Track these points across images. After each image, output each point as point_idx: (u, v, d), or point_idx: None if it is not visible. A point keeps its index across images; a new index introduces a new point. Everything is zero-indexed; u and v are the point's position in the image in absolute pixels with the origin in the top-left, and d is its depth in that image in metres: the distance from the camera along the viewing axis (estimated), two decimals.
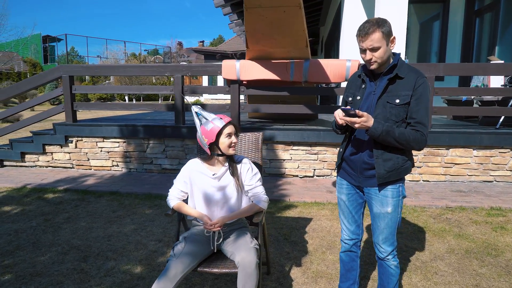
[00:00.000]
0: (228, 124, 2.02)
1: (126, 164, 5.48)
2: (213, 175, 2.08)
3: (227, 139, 2.01)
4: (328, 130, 4.92)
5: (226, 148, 2.02)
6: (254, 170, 2.16)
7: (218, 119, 2.02)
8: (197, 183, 2.10)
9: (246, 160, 2.17)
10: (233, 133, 2.04)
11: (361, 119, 1.70)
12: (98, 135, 5.42)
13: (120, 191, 4.48)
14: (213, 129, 1.98)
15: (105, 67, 5.24)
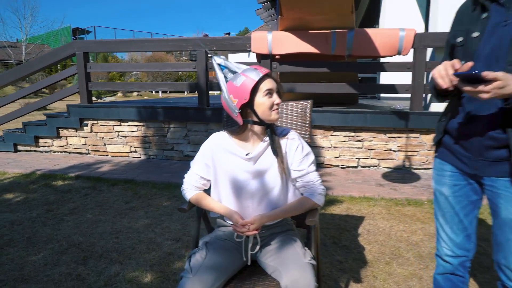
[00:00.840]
0: (267, 77, 1.39)
1: (145, 150, 4.95)
2: (246, 155, 1.44)
3: (267, 98, 1.37)
4: (376, 113, 4.18)
5: (266, 111, 1.38)
6: (305, 148, 1.50)
7: (252, 70, 1.38)
8: (223, 166, 1.47)
9: (294, 134, 1.51)
10: (274, 89, 1.40)
11: (493, 85, 0.98)
12: (114, 117, 4.91)
13: (136, 179, 3.94)
14: (245, 83, 1.35)
15: (121, 42, 4.71)
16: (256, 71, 1.37)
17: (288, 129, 1.53)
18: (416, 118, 4.12)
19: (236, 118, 1.41)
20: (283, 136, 1.49)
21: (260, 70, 1.38)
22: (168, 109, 4.72)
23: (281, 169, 1.43)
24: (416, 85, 4.12)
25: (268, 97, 1.37)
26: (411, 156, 4.32)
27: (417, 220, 2.95)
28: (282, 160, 1.44)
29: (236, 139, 1.48)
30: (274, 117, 1.41)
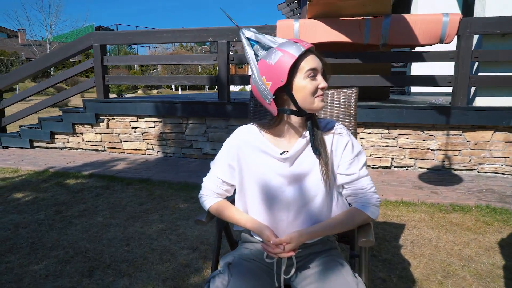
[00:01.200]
0: (310, 53, 1.07)
1: (162, 148, 4.70)
2: (281, 155, 1.13)
3: (310, 81, 1.06)
4: (413, 108, 3.78)
5: (308, 97, 1.07)
6: (356, 147, 1.18)
7: (290, 43, 1.06)
8: (252, 168, 1.17)
9: (342, 128, 1.19)
10: (319, 70, 1.08)
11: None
12: (131, 113, 4.68)
13: (151, 178, 3.69)
14: (282, 60, 1.03)
15: (138, 33, 4.47)
16: (296, 45, 1.04)
17: (334, 122, 1.21)
18: (458, 114, 3.70)
19: (269, 106, 1.10)
20: (328, 131, 1.16)
21: (302, 43, 1.05)
22: (187, 104, 4.45)
23: (325, 172, 1.11)
24: (460, 76, 3.69)
25: (310, 80, 1.05)
26: (452, 156, 3.90)
27: (467, 229, 2.56)
28: (327, 161, 1.12)
29: (268, 134, 1.17)
30: (318, 106, 1.09)
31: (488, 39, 3.74)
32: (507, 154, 3.74)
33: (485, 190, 3.32)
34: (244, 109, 4.23)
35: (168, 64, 25.89)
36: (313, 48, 1.08)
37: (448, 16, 3.53)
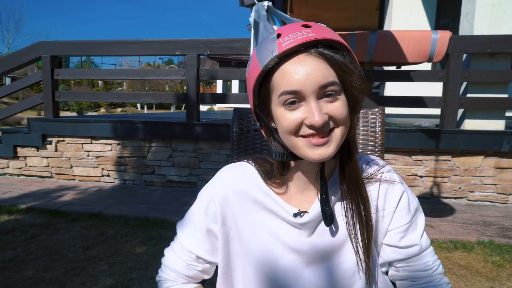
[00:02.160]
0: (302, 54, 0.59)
1: (120, 174, 4.10)
2: (295, 217, 0.68)
3: (288, 112, 0.61)
4: (400, 131, 3.47)
5: (287, 137, 0.63)
6: (412, 201, 0.73)
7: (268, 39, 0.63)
8: (247, 237, 0.71)
9: (391, 172, 0.74)
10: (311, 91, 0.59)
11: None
12: (84, 134, 4.07)
13: (104, 212, 3.09)
14: (249, 72, 0.66)
15: (99, 43, 3.89)
16: (272, 41, 0.60)
17: (376, 159, 0.77)
18: (448, 138, 3.42)
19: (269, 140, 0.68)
20: (368, 176, 0.72)
21: (286, 35, 0.60)
22: (150, 124, 3.92)
23: (365, 251, 0.66)
24: (449, 97, 3.44)
25: (287, 109, 0.61)
26: (441, 183, 3.60)
27: (478, 273, 2.20)
28: (367, 229, 0.67)
29: (273, 184, 0.71)
30: (308, 155, 0.62)
31: (476, 59, 3.53)
32: (498, 181, 3.49)
33: (482, 222, 3.01)
34: (216, 131, 3.76)
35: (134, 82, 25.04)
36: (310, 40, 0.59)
37: (437, 33, 3.29)
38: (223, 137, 3.75)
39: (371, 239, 0.67)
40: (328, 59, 0.59)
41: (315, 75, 0.58)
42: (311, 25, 0.61)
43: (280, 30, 0.62)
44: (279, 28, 0.63)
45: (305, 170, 0.69)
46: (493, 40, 3.33)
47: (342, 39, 0.62)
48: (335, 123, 0.61)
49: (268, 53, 0.59)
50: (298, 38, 0.58)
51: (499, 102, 3.48)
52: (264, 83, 0.63)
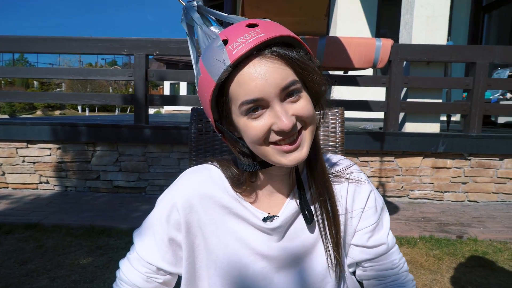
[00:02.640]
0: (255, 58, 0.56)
1: (61, 181, 3.82)
2: (265, 222, 0.65)
3: (251, 121, 0.59)
4: (348, 133, 3.62)
5: (256, 147, 0.61)
6: (379, 201, 0.75)
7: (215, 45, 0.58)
8: (213, 244, 0.67)
9: (358, 172, 0.75)
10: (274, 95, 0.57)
11: None
12: (19, 138, 3.74)
13: (43, 222, 2.85)
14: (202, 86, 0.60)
15: (35, 40, 3.54)
16: (220, 50, 0.56)
17: (343, 159, 0.77)
18: (391, 140, 3.63)
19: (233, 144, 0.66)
20: (337, 175, 0.72)
21: (234, 40, 0.56)
22: (94, 127, 3.69)
23: (335, 252, 0.66)
24: (391, 102, 3.65)
25: (249, 118, 0.59)
26: (385, 183, 3.80)
27: (422, 267, 2.34)
28: (337, 227, 0.67)
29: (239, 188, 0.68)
30: (281, 162, 0.60)
31: (415, 66, 3.79)
32: (435, 180, 3.76)
33: (422, 219, 3.22)
34: (165, 134, 3.64)
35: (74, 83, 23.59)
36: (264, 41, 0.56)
37: (381, 40, 3.48)
38: (173, 140, 3.64)
39: (340, 238, 0.67)
40: (284, 58, 0.57)
41: (273, 78, 0.56)
42: (257, 23, 0.58)
43: (224, 34, 0.57)
44: (223, 32, 0.59)
45: (274, 174, 0.67)
46: (429, 49, 3.60)
47: (292, 33, 0.60)
48: (303, 122, 0.60)
49: (219, 63, 0.55)
50: (249, 42, 0.54)
51: (435, 107, 3.76)
52: (220, 95, 0.59)
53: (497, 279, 2.20)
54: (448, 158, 3.70)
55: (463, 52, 3.71)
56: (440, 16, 3.64)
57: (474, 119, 3.65)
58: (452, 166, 3.73)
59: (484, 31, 7.03)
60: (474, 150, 3.63)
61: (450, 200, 3.79)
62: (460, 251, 2.57)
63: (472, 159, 3.70)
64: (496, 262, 2.42)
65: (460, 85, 3.81)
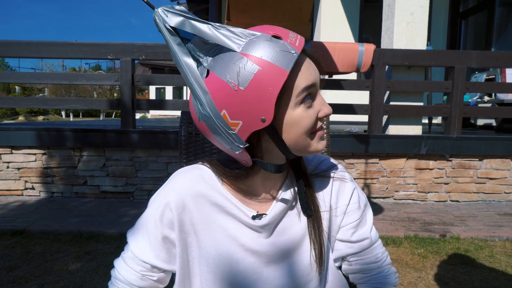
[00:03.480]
0: (303, 55, 0.62)
1: (47, 186, 3.78)
2: (254, 219, 0.69)
3: (306, 109, 0.62)
4: (334, 136, 3.69)
5: (303, 137, 0.63)
6: (362, 198, 0.80)
7: (268, 40, 0.57)
8: (205, 241, 0.70)
9: (343, 171, 0.81)
10: (318, 84, 0.65)
11: None
12: (3, 143, 3.69)
13: (29, 229, 2.82)
14: (264, 81, 0.56)
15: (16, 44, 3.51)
16: (281, 43, 0.57)
17: (328, 159, 0.82)
18: (376, 142, 3.72)
19: (238, 156, 0.64)
20: (322, 175, 0.77)
21: (288, 38, 0.59)
22: (80, 132, 3.67)
23: (319, 247, 0.71)
24: (375, 105, 3.74)
25: (305, 107, 0.62)
26: (371, 184, 3.89)
27: (407, 265, 2.41)
28: (319, 228, 0.72)
29: (231, 186, 0.72)
30: (318, 148, 0.66)
31: (396, 70, 3.90)
32: (418, 180, 3.86)
33: (407, 219, 3.31)
34: (153, 138, 3.64)
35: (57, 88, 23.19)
36: (307, 47, 0.64)
37: (363, 45, 3.57)
38: (161, 145, 3.65)
39: (322, 234, 0.71)
40: (313, 59, 0.65)
41: (315, 70, 0.64)
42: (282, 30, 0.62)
43: (269, 32, 0.59)
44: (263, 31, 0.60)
45: (268, 173, 0.69)
46: (409, 54, 3.71)
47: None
48: None
49: (287, 54, 0.56)
50: (300, 37, 0.61)
51: (416, 110, 3.87)
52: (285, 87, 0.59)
53: (479, 275, 2.28)
54: (430, 159, 3.81)
55: (442, 57, 3.84)
56: (419, 22, 3.76)
57: (454, 121, 3.78)
58: (435, 167, 3.84)
59: (462, 36, 7.26)
60: (454, 151, 3.74)
61: (433, 200, 3.89)
62: (443, 249, 2.66)
63: (453, 160, 3.82)
64: (478, 259, 2.51)
65: (440, 89, 3.94)
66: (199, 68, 0.60)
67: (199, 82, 0.59)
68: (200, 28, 0.58)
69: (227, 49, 0.58)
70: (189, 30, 0.58)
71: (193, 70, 0.59)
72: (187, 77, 0.60)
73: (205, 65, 0.60)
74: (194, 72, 0.60)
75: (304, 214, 0.71)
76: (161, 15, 0.59)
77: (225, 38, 0.57)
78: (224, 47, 0.58)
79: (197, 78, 0.59)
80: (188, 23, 0.58)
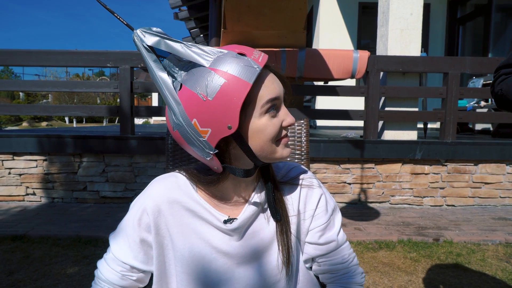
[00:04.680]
0: (266, 70, 0.69)
1: (47, 192, 3.85)
2: (225, 224, 0.75)
3: (270, 118, 0.69)
4: (330, 141, 3.74)
5: (268, 144, 0.70)
6: (330, 202, 0.85)
7: (233, 56, 0.65)
8: (180, 244, 0.75)
9: (311, 178, 0.85)
10: (282, 97, 0.71)
11: None
12: (4, 150, 3.76)
13: (30, 234, 2.88)
14: (228, 92, 0.63)
15: (17, 53, 3.61)
16: (244, 59, 0.64)
17: (297, 166, 0.87)
18: (371, 147, 3.76)
19: (206, 162, 0.70)
20: (291, 182, 0.82)
21: (251, 55, 0.66)
22: (80, 138, 3.75)
23: (286, 251, 0.76)
24: (370, 111, 3.79)
25: (270, 116, 0.68)
26: (367, 189, 3.93)
27: (399, 269, 2.45)
28: (287, 232, 0.77)
29: (205, 192, 0.77)
30: (283, 155, 0.72)
31: (391, 77, 3.95)
32: (414, 185, 3.90)
33: (402, 223, 3.34)
34: (152, 144, 3.71)
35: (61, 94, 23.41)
36: (270, 63, 0.71)
37: (358, 52, 3.63)
38: (159, 151, 3.72)
39: (289, 237, 0.77)
40: (277, 74, 0.72)
41: (279, 84, 0.70)
42: (247, 49, 0.69)
43: (237, 49, 0.67)
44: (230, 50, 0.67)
45: (238, 179, 0.74)
46: (404, 60, 3.77)
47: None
48: None
49: (250, 68, 0.63)
50: (263, 55, 0.68)
51: (411, 115, 3.92)
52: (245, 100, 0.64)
53: (469, 278, 2.32)
54: (425, 164, 3.85)
55: (436, 63, 3.89)
56: (413, 29, 3.82)
57: (448, 127, 3.82)
58: (430, 172, 3.87)
59: (460, 42, 7.31)
60: (450, 156, 3.78)
61: (429, 205, 3.92)
62: (436, 253, 2.69)
63: (449, 165, 3.86)
64: (469, 263, 2.54)
65: (434, 94, 3.99)
66: (174, 83, 0.67)
67: (172, 94, 0.66)
68: (174, 46, 0.65)
69: (198, 65, 0.64)
70: (164, 49, 0.65)
71: (167, 83, 0.66)
72: (162, 90, 0.67)
73: (179, 80, 0.66)
74: (168, 85, 0.67)
75: (273, 219, 0.76)
76: (139, 35, 0.66)
77: (196, 55, 0.64)
78: (195, 63, 0.64)
79: (170, 91, 0.66)
80: (164, 42, 0.65)
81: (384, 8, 3.95)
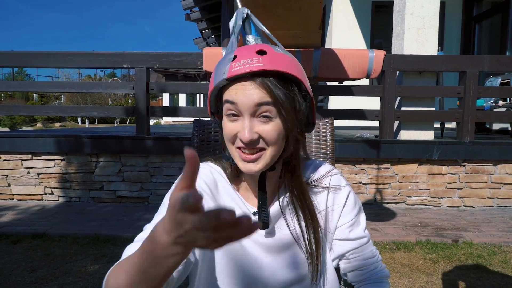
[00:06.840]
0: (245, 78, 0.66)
1: (65, 191, 3.90)
2: (254, 215, 0.76)
3: (228, 121, 0.70)
4: (345, 141, 3.72)
5: (228, 144, 0.72)
6: (357, 200, 0.85)
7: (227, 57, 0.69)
8: None
9: (338, 175, 0.85)
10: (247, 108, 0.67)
11: None
12: (24, 150, 3.83)
13: (49, 232, 2.93)
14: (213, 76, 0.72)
15: (35, 54, 3.68)
16: (225, 62, 0.68)
17: (325, 164, 0.87)
18: (387, 147, 3.73)
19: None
20: (319, 180, 0.82)
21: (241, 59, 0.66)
22: (97, 139, 3.79)
23: (316, 242, 0.76)
24: (386, 111, 3.76)
25: (229, 119, 0.69)
26: (383, 189, 3.89)
27: (418, 270, 2.42)
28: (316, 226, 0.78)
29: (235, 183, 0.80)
30: (239, 165, 0.71)
31: (407, 76, 3.91)
32: (431, 186, 3.85)
33: (419, 224, 3.30)
34: (167, 145, 3.74)
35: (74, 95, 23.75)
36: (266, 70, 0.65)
37: (373, 52, 3.59)
38: (175, 151, 3.74)
39: (319, 242, 0.77)
40: (268, 90, 0.65)
41: (253, 95, 0.65)
42: (266, 52, 0.66)
43: (238, 51, 0.67)
44: (239, 49, 0.69)
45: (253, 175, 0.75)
46: (420, 59, 3.73)
47: (294, 70, 0.67)
48: (266, 143, 0.68)
49: (221, 73, 0.67)
50: (247, 66, 0.64)
51: (428, 115, 3.87)
52: (219, 94, 0.72)
53: (491, 280, 2.28)
54: (443, 164, 3.80)
55: (453, 62, 3.84)
56: (430, 28, 3.77)
57: (466, 126, 3.76)
58: (447, 172, 3.82)
59: (476, 41, 7.20)
60: (468, 156, 3.72)
61: (446, 206, 3.87)
62: (455, 255, 2.65)
63: (467, 165, 3.80)
64: (490, 265, 2.49)
65: (451, 94, 3.93)
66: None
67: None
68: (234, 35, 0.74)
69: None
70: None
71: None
72: None
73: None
74: None
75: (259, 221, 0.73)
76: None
77: (230, 45, 0.69)
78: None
79: None
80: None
81: (400, 7, 3.91)
